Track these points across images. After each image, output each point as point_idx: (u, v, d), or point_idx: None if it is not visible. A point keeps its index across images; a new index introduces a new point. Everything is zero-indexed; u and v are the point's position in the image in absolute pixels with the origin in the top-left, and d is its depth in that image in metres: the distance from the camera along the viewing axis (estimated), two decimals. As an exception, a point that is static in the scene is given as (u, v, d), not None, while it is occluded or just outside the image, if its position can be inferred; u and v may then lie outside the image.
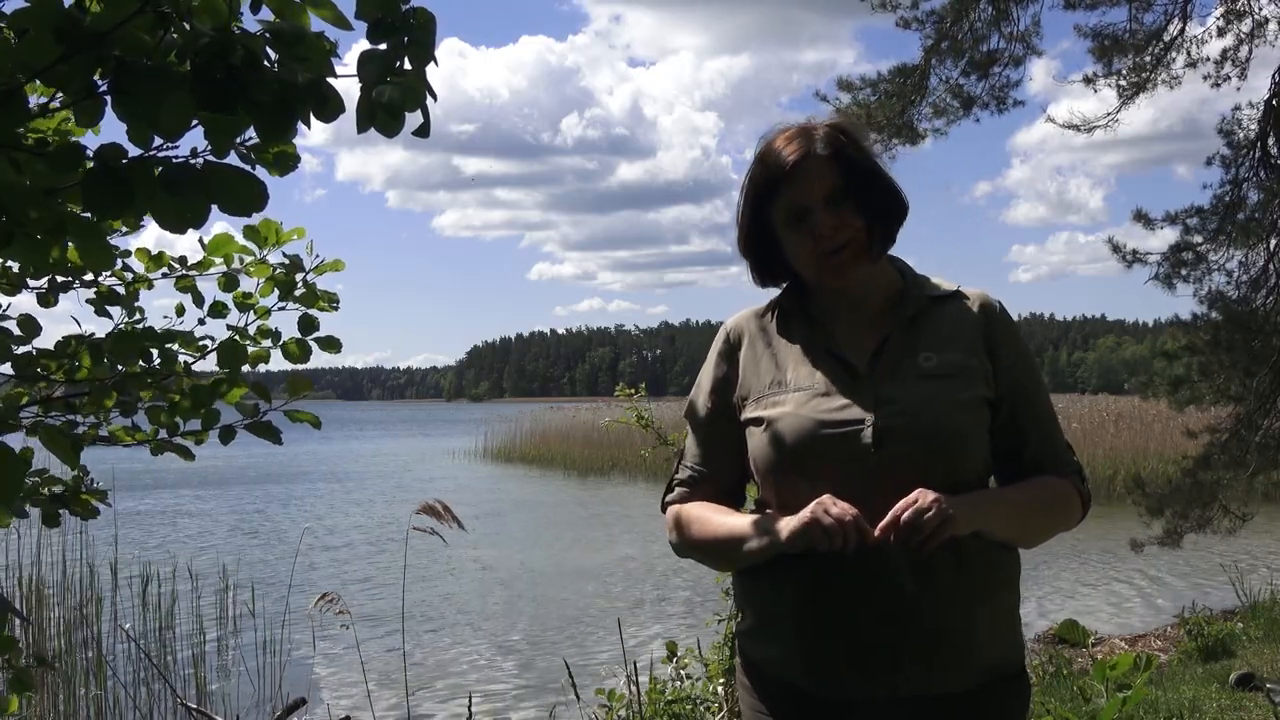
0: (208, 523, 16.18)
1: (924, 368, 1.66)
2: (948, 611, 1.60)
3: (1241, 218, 7.26)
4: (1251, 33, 7.22)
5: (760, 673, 1.73)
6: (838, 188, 1.65)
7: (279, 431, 1.99)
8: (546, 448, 29.45)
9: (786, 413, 1.66)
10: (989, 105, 7.45)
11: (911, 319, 1.71)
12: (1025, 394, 1.72)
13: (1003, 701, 1.68)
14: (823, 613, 1.62)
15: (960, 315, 1.72)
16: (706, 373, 1.83)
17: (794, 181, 1.65)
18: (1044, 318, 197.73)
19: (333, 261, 2.05)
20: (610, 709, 4.19)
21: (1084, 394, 56.41)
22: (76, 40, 0.78)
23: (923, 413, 1.61)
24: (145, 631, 7.70)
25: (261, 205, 0.92)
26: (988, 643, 1.64)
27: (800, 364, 1.71)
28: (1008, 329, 1.74)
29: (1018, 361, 1.72)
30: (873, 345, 1.69)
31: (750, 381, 1.74)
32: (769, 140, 1.72)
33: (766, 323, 1.79)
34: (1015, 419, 1.70)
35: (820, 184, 1.65)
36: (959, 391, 1.65)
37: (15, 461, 0.88)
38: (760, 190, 1.70)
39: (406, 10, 0.85)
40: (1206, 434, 7.69)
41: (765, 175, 1.69)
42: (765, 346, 1.76)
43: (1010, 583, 1.70)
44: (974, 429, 1.65)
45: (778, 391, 1.69)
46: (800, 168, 1.65)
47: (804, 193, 1.66)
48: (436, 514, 4.09)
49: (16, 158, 0.95)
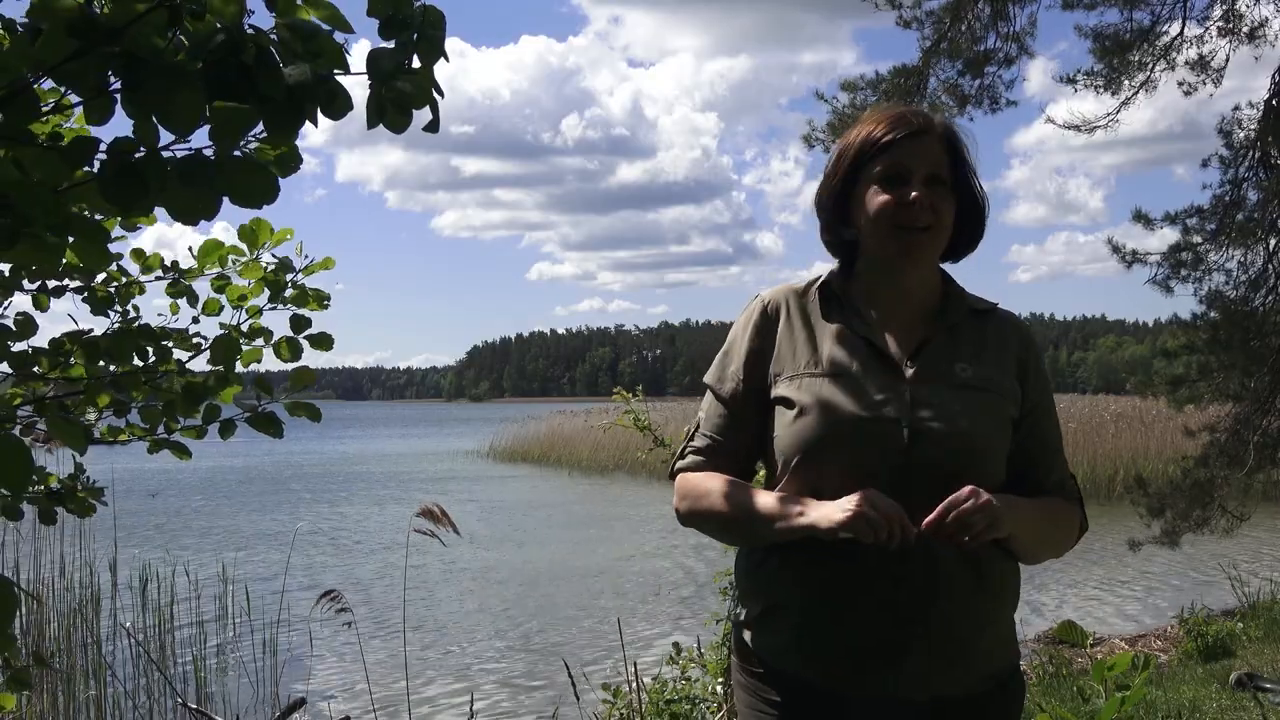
0: (208, 523, 16.18)
1: (961, 377, 1.67)
2: (961, 621, 1.61)
3: (1241, 218, 7.26)
4: (1251, 33, 7.23)
5: (760, 661, 1.72)
6: (943, 170, 1.68)
7: (281, 423, 1.99)
8: (549, 447, 29.45)
9: (822, 399, 1.64)
10: (982, 104, 7.47)
11: (952, 327, 1.72)
12: (1043, 420, 1.75)
13: (1001, 704, 1.70)
14: (833, 607, 1.62)
15: (998, 333, 1.75)
16: (740, 342, 1.77)
17: (908, 146, 1.67)
18: (1044, 318, 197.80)
19: (322, 261, 2.05)
20: (613, 704, 4.19)
21: (1084, 394, 56.41)
22: (90, 36, 0.78)
23: (958, 420, 1.62)
24: (145, 631, 7.70)
25: (273, 197, 0.92)
26: (988, 641, 1.66)
27: (838, 349, 1.69)
28: (1037, 355, 1.78)
29: (1041, 390, 1.76)
30: (912, 344, 1.69)
31: (785, 358, 1.71)
32: (883, 110, 1.75)
33: (807, 301, 1.76)
34: (1030, 442, 1.72)
35: (929, 158, 1.67)
36: (991, 406, 1.67)
37: (23, 450, 0.88)
38: (871, 143, 1.69)
39: (418, 7, 0.86)
40: (1206, 433, 7.69)
41: (881, 132, 1.69)
42: (804, 325, 1.74)
43: (1016, 595, 1.73)
44: (1001, 444, 1.67)
45: (812, 373, 1.67)
46: (919, 136, 1.67)
47: (913, 159, 1.67)
48: (435, 517, 4.10)
49: (21, 156, 0.95)
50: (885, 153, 1.67)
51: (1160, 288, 7.42)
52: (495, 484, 23.26)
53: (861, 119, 1.76)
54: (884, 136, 1.68)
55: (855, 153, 1.71)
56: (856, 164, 1.71)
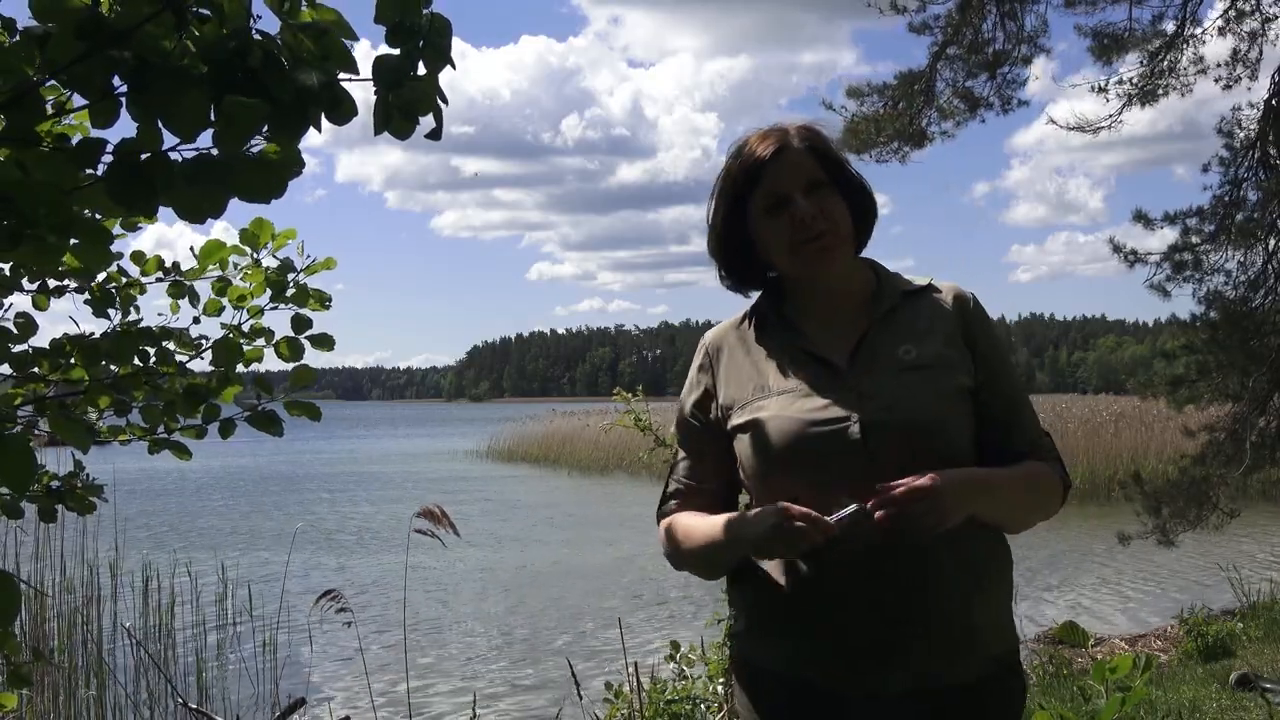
0: (208, 523, 16.18)
1: (905, 360, 1.68)
2: (953, 609, 1.61)
3: (1240, 218, 7.26)
4: (1254, 33, 7.23)
5: (755, 670, 1.73)
6: (816, 176, 1.69)
7: (281, 422, 2.00)
8: (548, 447, 29.44)
9: (772, 416, 1.67)
10: (994, 106, 7.47)
11: (888, 313, 1.73)
12: (1000, 382, 1.74)
13: (1001, 694, 1.68)
14: (817, 609, 1.62)
15: (936, 308, 1.75)
16: (688, 388, 1.84)
17: (773, 170, 1.69)
18: (1044, 318, 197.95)
19: (324, 261, 2.05)
20: (614, 704, 4.19)
21: (1084, 394, 56.36)
22: (98, 39, 0.78)
23: (907, 403, 1.63)
24: (145, 630, 7.71)
25: (280, 191, 0.92)
26: (984, 628, 1.65)
27: (780, 367, 1.72)
28: (983, 319, 1.77)
29: (993, 350, 1.75)
30: (850, 342, 1.71)
31: (732, 392, 1.75)
32: (743, 141, 1.76)
33: (744, 331, 1.81)
34: (993, 407, 1.72)
35: (799, 172, 1.69)
36: (941, 381, 1.67)
37: (25, 450, 0.88)
38: (739, 183, 1.72)
39: (425, 15, 0.86)
40: (1205, 433, 7.69)
41: (744, 167, 1.71)
42: (744, 355, 1.78)
43: (1003, 571, 1.72)
44: (958, 418, 1.67)
45: (761, 397, 1.70)
46: (779, 157, 1.69)
47: (784, 181, 1.68)
48: (435, 518, 4.10)
49: (26, 158, 0.95)
50: (757, 184, 1.70)
51: (1158, 292, 7.42)
52: (495, 484, 23.26)
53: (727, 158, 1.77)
54: (750, 164, 1.70)
55: (729, 193, 1.74)
56: (734, 203, 1.74)
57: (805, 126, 1.75)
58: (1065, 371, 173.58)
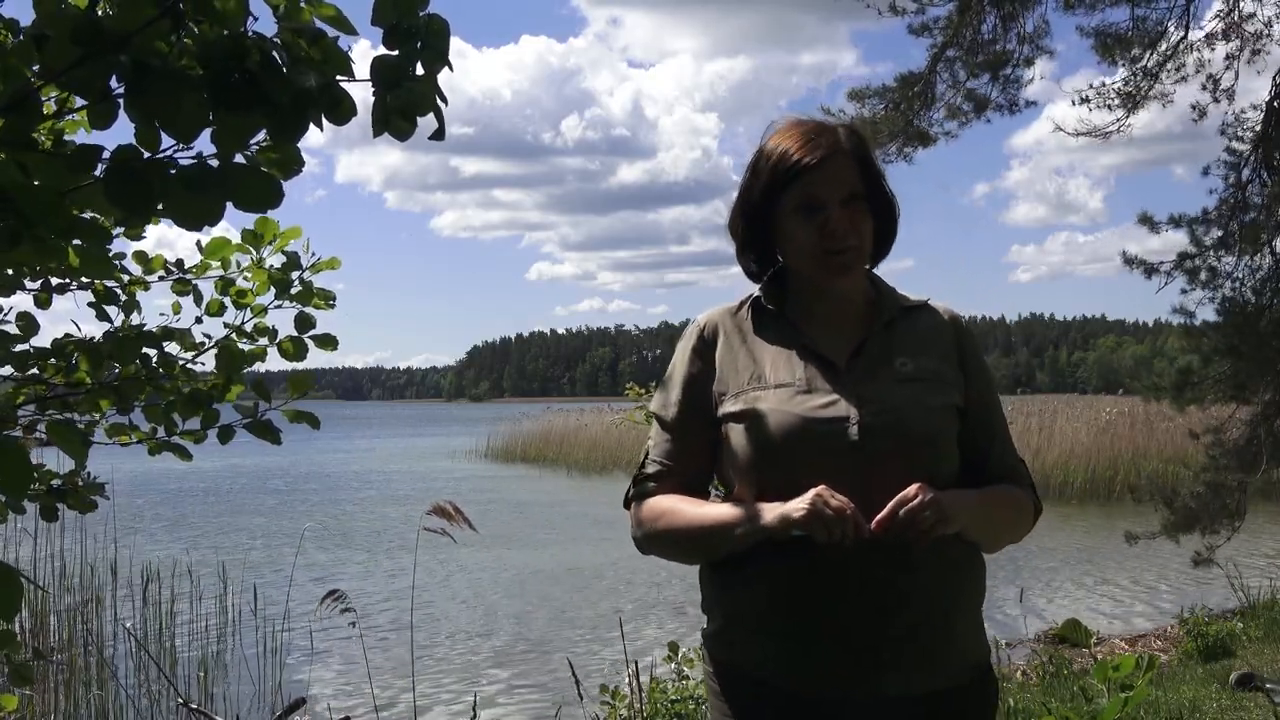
0: (209, 523, 16.18)
1: (901, 372, 1.69)
2: (930, 608, 1.61)
3: (1246, 219, 7.25)
4: (1256, 34, 7.22)
5: (730, 674, 1.71)
6: (856, 189, 1.68)
7: (278, 431, 1.99)
8: (549, 447, 29.43)
9: (770, 408, 1.66)
10: (1001, 107, 7.45)
11: (888, 324, 1.74)
12: (987, 407, 1.78)
13: (981, 697, 1.72)
14: (801, 610, 1.61)
15: (933, 325, 1.77)
16: (679, 368, 1.81)
17: (817, 175, 1.66)
18: (1044, 318, 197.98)
19: (329, 260, 2.05)
20: (613, 707, 4.19)
21: (1084, 394, 56.36)
22: (95, 43, 0.78)
23: (904, 413, 1.64)
24: (145, 629, 7.71)
25: (277, 202, 0.93)
26: (965, 635, 1.68)
27: (778, 360, 1.72)
28: (974, 344, 1.81)
29: (980, 375, 1.78)
30: (850, 346, 1.71)
31: (728, 377, 1.74)
32: (788, 129, 1.72)
33: (740, 319, 1.80)
34: (978, 430, 1.74)
35: (841, 183, 1.67)
36: (935, 396, 1.69)
37: (22, 454, 0.88)
38: (779, 175, 1.69)
39: (422, 16, 0.85)
40: (1209, 435, 7.67)
41: (788, 163, 1.68)
42: (741, 343, 1.77)
43: (981, 581, 1.75)
44: (949, 433, 1.69)
45: (758, 387, 1.69)
46: (827, 163, 1.66)
47: (825, 188, 1.67)
48: (447, 515, 4.07)
49: (24, 160, 0.95)
50: (798, 180, 1.67)
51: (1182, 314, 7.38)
52: (495, 483, 23.25)
53: (768, 140, 1.74)
54: (795, 163, 1.67)
55: (767, 183, 1.71)
56: (770, 192, 1.71)
57: (855, 131, 1.74)
58: (1065, 371, 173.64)
